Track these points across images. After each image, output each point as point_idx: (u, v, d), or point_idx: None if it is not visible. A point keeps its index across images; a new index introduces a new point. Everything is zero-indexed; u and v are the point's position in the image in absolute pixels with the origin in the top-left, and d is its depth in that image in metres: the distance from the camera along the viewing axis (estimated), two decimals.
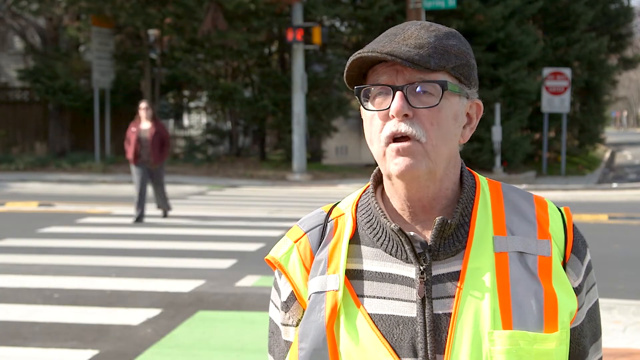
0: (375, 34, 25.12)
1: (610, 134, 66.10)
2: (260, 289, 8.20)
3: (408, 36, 1.44)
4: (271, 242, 11.06)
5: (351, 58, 1.45)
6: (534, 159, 27.74)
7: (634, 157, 37.39)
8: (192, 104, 30.95)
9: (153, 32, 26.84)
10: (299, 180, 22.56)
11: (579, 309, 1.50)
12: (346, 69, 1.46)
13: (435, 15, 23.13)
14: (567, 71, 24.74)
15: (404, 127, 1.42)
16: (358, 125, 27.84)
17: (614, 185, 22.06)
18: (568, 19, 28.71)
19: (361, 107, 1.49)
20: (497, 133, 22.44)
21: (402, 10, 23.65)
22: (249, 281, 8.57)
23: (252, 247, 10.75)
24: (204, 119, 31.20)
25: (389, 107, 1.42)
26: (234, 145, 27.88)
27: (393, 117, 1.42)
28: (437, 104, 1.42)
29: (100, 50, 25.00)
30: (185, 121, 32.30)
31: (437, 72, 1.43)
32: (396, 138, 1.43)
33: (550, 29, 29.55)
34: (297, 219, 13.67)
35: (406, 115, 1.42)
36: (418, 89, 1.42)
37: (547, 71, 24.70)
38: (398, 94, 1.42)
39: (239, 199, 17.60)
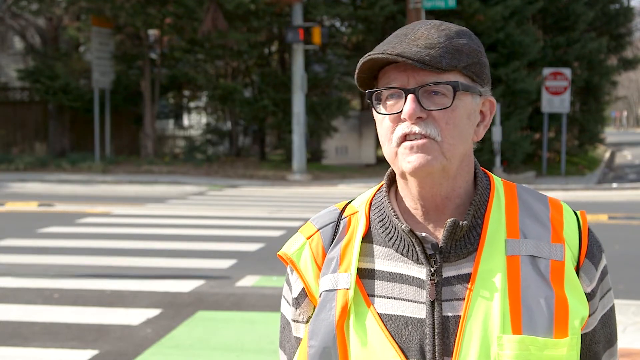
0: (375, 34, 25.13)
1: (610, 134, 66.06)
2: (260, 289, 8.20)
3: (418, 36, 1.42)
4: (271, 242, 11.05)
5: (361, 60, 1.43)
6: (534, 159, 27.73)
7: (634, 157, 37.38)
8: (192, 104, 30.98)
9: (153, 32, 26.84)
10: (299, 180, 22.56)
11: (591, 315, 1.48)
12: (357, 71, 1.45)
13: (435, 15, 23.10)
14: (567, 71, 24.73)
15: (417, 129, 1.40)
16: (358, 125, 27.84)
17: (614, 185, 22.05)
18: (568, 19, 28.69)
19: (373, 109, 1.47)
20: (497, 133, 22.44)
21: (402, 11, 23.64)
22: (248, 281, 8.57)
23: (252, 247, 10.75)
24: (204, 119, 31.21)
25: (401, 110, 1.41)
26: (234, 145, 27.89)
27: (405, 120, 1.41)
28: (450, 105, 1.41)
29: (100, 50, 25.00)
30: (185, 121, 32.32)
31: (449, 72, 1.41)
32: (409, 137, 1.42)
33: (550, 29, 29.55)
34: (297, 219, 13.61)
35: (419, 117, 1.40)
36: (430, 91, 1.41)
37: (547, 71, 24.70)
38: (410, 97, 1.40)
39: (238, 199, 17.60)
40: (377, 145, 29.33)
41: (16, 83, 30.36)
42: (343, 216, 1.55)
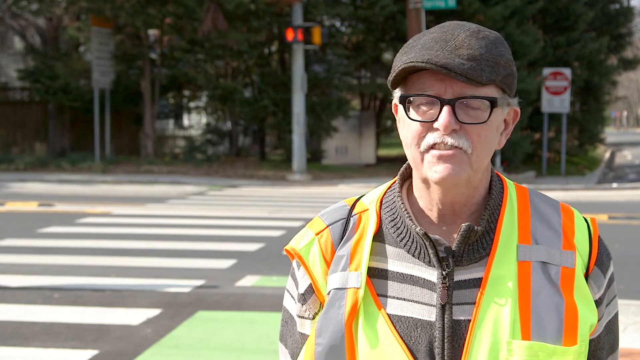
0: (375, 34, 25.13)
1: (610, 134, 66.05)
2: (260, 289, 8.20)
3: (459, 45, 1.39)
4: (271, 242, 11.06)
5: (401, 65, 1.40)
6: (534, 159, 27.73)
7: (634, 157, 37.39)
8: (192, 104, 30.96)
9: (153, 32, 26.84)
10: (299, 180, 22.56)
11: (598, 322, 1.49)
12: (394, 74, 1.42)
13: (435, 15, 23.11)
14: (567, 71, 24.73)
15: (450, 140, 1.39)
16: (358, 125, 27.84)
17: (614, 185, 22.05)
18: (568, 19, 28.68)
19: (402, 112, 1.45)
20: None
21: (402, 10, 23.64)
22: (248, 281, 8.57)
23: (252, 247, 10.75)
24: (204, 119, 31.20)
25: (434, 119, 1.40)
26: (234, 145, 27.89)
27: (437, 129, 1.40)
28: (487, 121, 1.40)
29: (100, 50, 25.00)
30: (185, 121, 32.31)
31: (487, 85, 1.40)
32: (438, 146, 1.40)
33: (550, 29, 29.54)
34: (297, 219, 13.59)
35: (454, 130, 1.39)
36: (466, 103, 1.40)
37: (547, 71, 24.70)
38: (446, 108, 1.39)
39: (238, 199, 17.60)
40: (377, 145, 29.34)
41: (16, 83, 30.35)
42: (353, 213, 1.54)
